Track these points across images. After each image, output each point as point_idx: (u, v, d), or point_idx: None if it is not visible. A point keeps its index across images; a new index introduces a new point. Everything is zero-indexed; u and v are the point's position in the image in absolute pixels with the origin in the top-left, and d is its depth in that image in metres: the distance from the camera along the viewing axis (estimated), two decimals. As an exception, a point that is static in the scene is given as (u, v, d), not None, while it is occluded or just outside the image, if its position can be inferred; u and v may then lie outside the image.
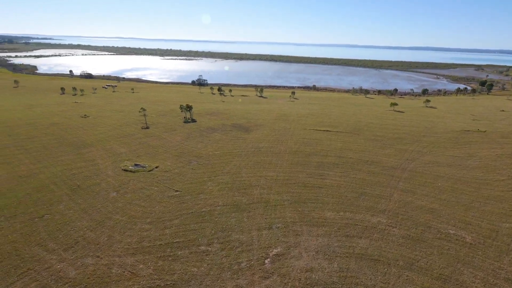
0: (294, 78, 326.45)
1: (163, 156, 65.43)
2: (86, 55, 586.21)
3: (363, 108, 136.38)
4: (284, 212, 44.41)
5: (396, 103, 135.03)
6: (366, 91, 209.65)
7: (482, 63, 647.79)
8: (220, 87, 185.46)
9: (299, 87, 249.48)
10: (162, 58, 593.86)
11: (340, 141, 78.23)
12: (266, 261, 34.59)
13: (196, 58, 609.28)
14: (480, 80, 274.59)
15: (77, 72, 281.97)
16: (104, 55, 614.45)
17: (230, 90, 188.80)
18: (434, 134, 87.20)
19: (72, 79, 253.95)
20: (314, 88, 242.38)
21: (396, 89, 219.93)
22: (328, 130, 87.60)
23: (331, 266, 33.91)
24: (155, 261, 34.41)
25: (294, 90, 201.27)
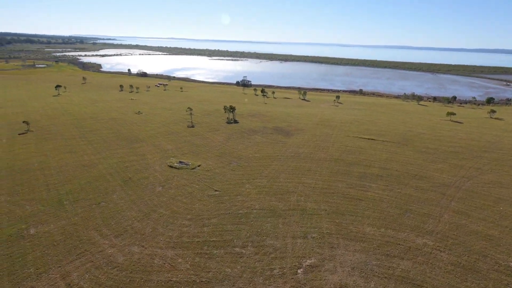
0: (339, 81, 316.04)
1: (206, 155, 68.44)
2: (142, 54, 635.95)
3: (415, 116, 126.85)
4: (320, 222, 43.55)
5: (454, 113, 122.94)
6: (419, 98, 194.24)
7: None
8: (263, 89, 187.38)
9: (344, 91, 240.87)
10: (210, 58, 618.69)
11: (386, 151, 73.94)
12: (299, 271, 34.33)
13: (242, 59, 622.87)
14: None
15: (134, 70, 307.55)
16: (158, 55, 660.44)
17: (273, 92, 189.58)
18: (498, 150, 77.79)
19: (129, 77, 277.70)
20: (360, 93, 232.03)
21: (455, 96, 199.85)
22: (373, 139, 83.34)
23: (368, 285, 32.43)
24: (192, 257, 36.33)
25: (339, 94, 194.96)
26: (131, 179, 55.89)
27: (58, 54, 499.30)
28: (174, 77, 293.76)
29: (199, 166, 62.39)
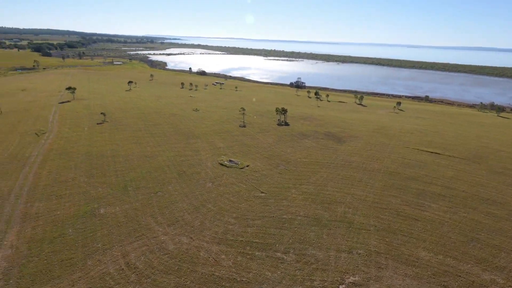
0: (402, 85, 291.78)
1: (254, 156, 69.95)
2: (203, 54, 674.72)
3: (492, 129, 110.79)
4: (368, 238, 41.23)
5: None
6: (499, 108, 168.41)
7: None
8: (317, 91, 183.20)
9: (407, 97, 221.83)
10: (266, 58, 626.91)
11: (452, 168, 66.26)
12: (341, 287, 33.10)
13: (297, 59, 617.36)
14: None
15: (194, 69, 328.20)
16: (217, 54, 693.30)
17: (327, 95, 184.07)
18: None
19: (190, 75, 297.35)
20: (426, 99, 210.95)
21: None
22: (437, 153, 75.33)
23: (417, 315, 29.74)
24: (235, 255, 37.70)
25: (400, 100, 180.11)
26: (185, 172, 60.11)
27: (132, 53, 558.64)
28: (230, 76, 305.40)
29: (247, 166, 64.09)
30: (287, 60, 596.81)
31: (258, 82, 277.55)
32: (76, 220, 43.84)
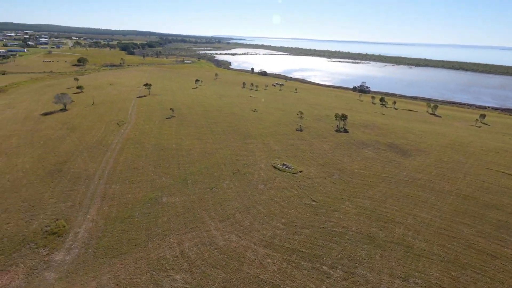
0: (488, 94, 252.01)
1: (309, 162, 68.78)
2: (266, 54, 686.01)
3: None
4: (430, 268, 37.10)
5: None
6: None
7: None
8: (382, 97, 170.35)
9: (494, 108, 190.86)
10: (329, 59, 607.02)
11: (549, 200, 54.99)
12: (392, 316, 30.59)
13: (364, 62, 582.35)
14: None
15: (256, 69, 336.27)
16: (280, 55, 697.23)
17: (394, 102, 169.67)
18: None
19: (251, 75, 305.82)
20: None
21: None
22: (530, 180, 63.30)
23: None
24: (280, 261, 37.86)
25: (485, 112, 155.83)
26: (239, 172, 62.39)
27: (201, 52, 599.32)
28: (290, 77, 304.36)
29: (300, 171, 63.41)
30: (352, 62, 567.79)
31: (319, 85, 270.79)
32: (143, 205, 49.36)
